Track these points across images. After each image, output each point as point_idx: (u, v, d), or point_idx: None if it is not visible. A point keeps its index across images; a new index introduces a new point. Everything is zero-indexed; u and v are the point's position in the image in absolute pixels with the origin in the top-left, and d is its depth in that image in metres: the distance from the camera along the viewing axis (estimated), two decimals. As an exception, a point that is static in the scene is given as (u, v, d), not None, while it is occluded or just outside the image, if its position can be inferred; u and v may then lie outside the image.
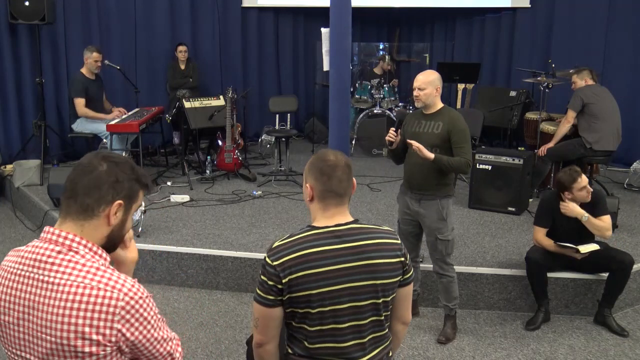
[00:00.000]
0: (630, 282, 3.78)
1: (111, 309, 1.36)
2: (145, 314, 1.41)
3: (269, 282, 1.81)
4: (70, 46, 6.82)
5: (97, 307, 1.35)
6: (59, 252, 1.41)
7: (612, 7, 6.95)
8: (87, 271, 1.39)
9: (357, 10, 5.12)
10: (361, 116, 7.59)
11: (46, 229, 1.46)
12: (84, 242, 1.44)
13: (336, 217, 1.90)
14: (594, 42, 7.05)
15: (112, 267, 1.46)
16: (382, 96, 7.67)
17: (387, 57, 8.54)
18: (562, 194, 3.74)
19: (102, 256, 1.46)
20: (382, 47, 9.53)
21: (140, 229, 4.53)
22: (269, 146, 7.76)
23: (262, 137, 7.95)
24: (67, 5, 6.74)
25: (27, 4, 6.09)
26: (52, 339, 1.37)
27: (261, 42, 8.57)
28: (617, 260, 3.65)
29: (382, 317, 1.90)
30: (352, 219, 1.92)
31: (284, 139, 6.34)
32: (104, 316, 1.36)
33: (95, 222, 1.45)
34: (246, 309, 3.97)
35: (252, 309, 3.90)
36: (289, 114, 7.70)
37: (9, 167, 6.29)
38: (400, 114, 3.73)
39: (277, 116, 7.68)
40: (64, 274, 1.39)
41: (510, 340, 3.62)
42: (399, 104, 7.80)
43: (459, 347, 3.53)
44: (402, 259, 1.91)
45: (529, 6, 7.64)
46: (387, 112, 7.49)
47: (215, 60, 8.12)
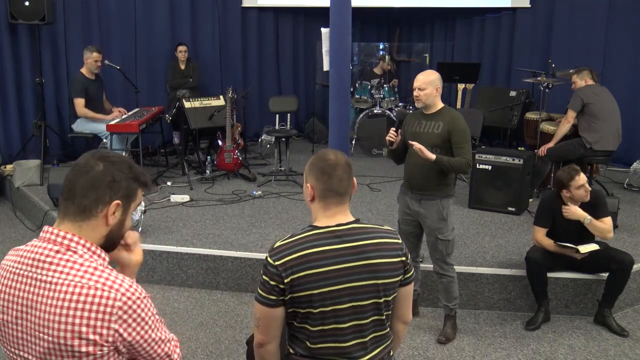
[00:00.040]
0: (630, 282, 3.78)
1: (108, 309, 1.36)
2: (142, 315, 1.41)
3: (271, 282, 1.81)
4: (70, 46, 6.82)
5: (95, 307, 1.35)
6: (58, 252, 1.41)
7: (612, 7, 6.95)
8: (85, 271, 1.39)
9: (357, 10, 5.11)
10: (361, 116, 7.59)
11: (45, 228, 1.46)
12: (83, 241, 1.43)
13: (337, 217, 1.90)
14: (594, 42, 7.05)
15: (110, 267, 1.45)
16: (382, 96, 7.67)
17: (387, 57, 8.53)
18: (561, 193, 3.74)
19: (100, 256, 1.46)
20: (382, 47, 9.53)
21: (140, 229, 4.53)
22: (269, 146, 7.76)
23: (262, 137, 7.94)
24: (67, 5, 6.74)
25: (27, 4, 6.09)
26: (50, 338, 1.37)
27: (261, 42, 8.57)
28: (617, 260, 3.65)
29: (384, 317, 1.91)
30: (353, 218, 1.92)
31: (284, 139, 6.34)
32: (101, 316, 1.35)
33: (93, 222, 1.45)
34: (246, 309, 3.97)
35: (252, 309, 3.90)
36: (289, 114, 7.70)
37: (9, 167, 6.29)
38: (400, 114, 3.73)
39: (277, 116, 7.68)
40: (62, 273, 1.39)
41: (510, 340, 3.62)
42: (399, 104, 7.80)
43: (459, 347, 3.53)
44: (403, 259, 1.91)
45: (529, 6, 7.64)
46: (387, 112, 7.49)
47: (215, 60, 8.12)
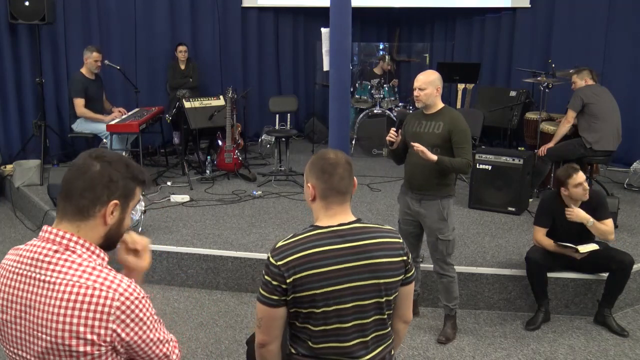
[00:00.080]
0: (630, 282, 3.78)
1: (106, 309, 1.36)
2: (141, 315, 1.41)
3: (273, 282, 1.81)
4: (70, 46, 6.82)
5: (92, 307, 1.35)
6: (56, 252, 1.41)
7: (612, 7, 6.95)
8: (83, 270, 1.39)
9: (357, 10, 5.12)
10: (361, 116, 7.59)
11: (44, 228, 1.46)
12: (82, 241, 1.43)
13: (339, 216, 1.90)
14: (594, 42, 7.05)
15: (109, 267, 1.45)
16: (382, 96, 7.67)
17: (387, 57, 8.53)
18: (560, 191, 3.75)
19: (99, 256, 1.46)
20: (382, 47, 9.53)
21: (140, 229, 4.53)
22: (269, 146, 7.76)
23: (262, 137, 7.94)
24: (67, 5, 6.74)
25: (27, 4, 6.09)
26: (48, 337, 1.37)
27: (261, 42, 8.57)
28: (617, 260, 3.65)
29: (385, 316, 1.91)
30: (355, 218, 1.92)
31: (284, 139, 6.34)
32: (98, 316, 1.35)
33: (91, 222, 1.45)
34: (246, 309, 3.97)
35: (252, 309, 3.92)
36: (289, 114, 7.70)
37: (9, 167, 6.29)
38: (400, 114, 3.73)
39: (277, 116, 7.68)
40: (60, 273, 1.39)
41: (510, 340, 3.62)
42: (399, 104, 7.80)
43: (459, 347, 3.53)
44: (405, 258, 1.92)
45: (529, 6, 7.64)
46: (387, 112, 7.49)
47: (215, 60, 8.12)
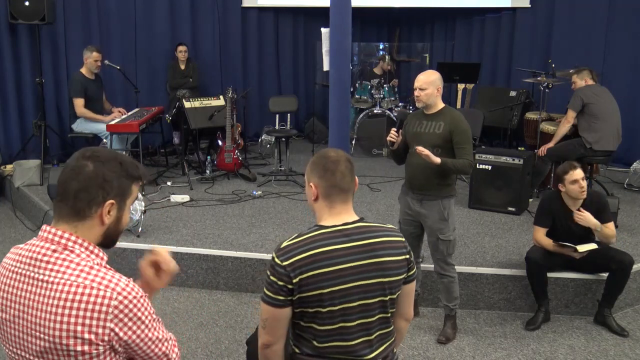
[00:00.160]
0: (630, 282, 3.79)
1: (104, 308, 1.35)
2: (139, 314, 1.40)
3: (279, 283, 1.80)
4: (70, 46, 6.82)
5: (90, 306, 1.35)
6: (55, 251, 1.41)
7: (612, 7, 6.95)
8: (81, 270, 1.39)
9: (357, 10, 5.11)
10: (361, 116, 7.59)
11: (43, 227, 1.46)
12: (80, 241, 1.43)
13: (343, 216, 1.90)
14: (594, 42, 7.05)
15: (107, 267, 1.45)
16: (382, 96, 7.67)
17: (387, 57, 8.53)
18: (559, 189, 3.75)
19: (98, 255, 1.45)
20: (382, 47, 9.53)
21: (140, 229, 4.53)
22: (269, 146, 7.76)
23: (262, 137, 7.94)
24: (67, 5, 6.74)
25: (27, 4, 6.09)
26: (45, 337, 1.37)
27: (261, 42, 8.57)
28: (617, 260, 3.65)
29: (389, 314, 1.92)
30: (358, 217, 1.93)
31: (284, 139, 6.34)
32: (96, 315, 1.35)
33: (88, 223, 1.44)
34: (246, 309, 3.97)
35: (252, 309, 3.91)
36: (289, 114, 7.70)
37: (9, 167, 6.29)
38: (401, 114, 3.72)
39: (277, 116, 7.68)
40: (58, 272, 1.39)
41: (510, 340, 3.62)
42: (399, 104, 7.80)
43: (459, 347, 3.53)
44: (407, 256, 1.93)
45: (529, 6, 7.64)
46: (387, 112, 7.49)
47: (215, 60, 8.12)
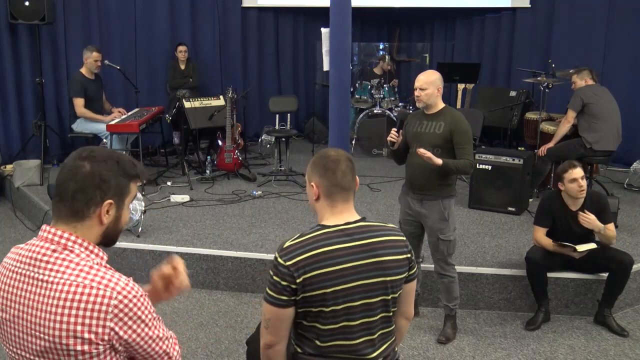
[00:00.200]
0: (630, 282, 3.79)
1: (104, 307, 1.35)
2: (139, 313, 1.40)
3: (283, 283, 1.80)
4: (70, 46, 6.82)
5: (90, 306, 1.35)
6: (54, 251, 1.41)
7: (612, 7, 6.94)
8: (80, 269, 1.39)
9: (357, 10, 5.11)
10: (361, 116, 7.59)
11: (43, 227, 1.46)
12: (80, 240, 1.43)
13: (344, 215, 1.91)
14: (594, 42, 7.05)
15: (107, 266, 1.45)
16: (382, 96, 7.67)
17: (387, 57, 8.53)
18: (559, 189, 3.75)
19: (98, 254, 1.45)
20: (382, 47, 9.52)
21: (140, 229, 4.53)
22: (269, 146, 7.76)
23: (262, 137, 7.94)
24: (67, 5, 6.74)
25: (27, 4, 6.09)
26: (45, 337, 1.37)
27: (261, 42, 8.57)
28: (617, 260, 3.65)
29: (391, 313, 1.93)
30: (359, 217, 1.93)
31: (284, 139, 6.34)
32: (96, 314, 1.35)
33: (87, 223, 1.44)
34: (246, 309, 3.97)
35: (252, 309, 3.91)
36: (289, 114, 7.70)
37: (9, 167, 6.28)
38: (401, 114, 3.72)
39: (277, 116, 7.68)
40: (57, 272, 1.39)
41: (510, 340, 3.62)
42: (399, 104, 7.80)
43: (459, 347, 3.53)
44: (408, 256, 1.93)
45: (529, 6, 7.64)
46: (387, 112, 7.48)
47: (215, 60, 8.12)
